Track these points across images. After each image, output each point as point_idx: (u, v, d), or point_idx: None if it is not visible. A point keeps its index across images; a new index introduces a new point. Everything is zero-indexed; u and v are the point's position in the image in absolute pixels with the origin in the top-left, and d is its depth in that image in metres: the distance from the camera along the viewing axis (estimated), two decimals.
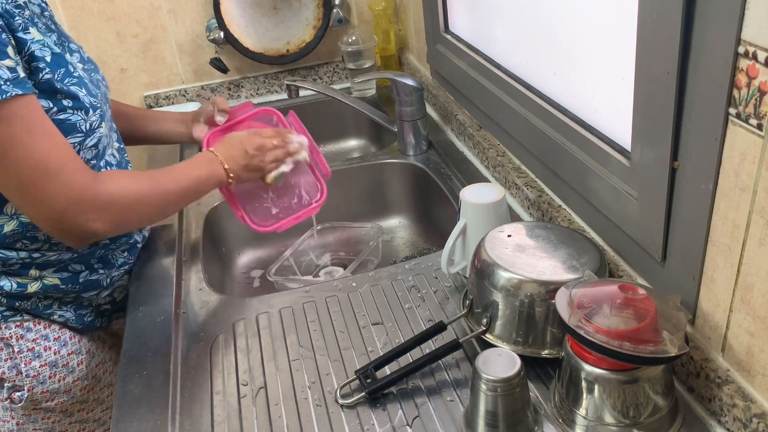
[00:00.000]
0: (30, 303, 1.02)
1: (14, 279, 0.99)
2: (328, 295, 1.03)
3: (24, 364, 1.01)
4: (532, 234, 0.88)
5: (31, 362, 1.02)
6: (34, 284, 1.00)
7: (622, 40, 0.78)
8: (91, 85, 0.98)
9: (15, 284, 0.99)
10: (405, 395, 0.83)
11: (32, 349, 1.02)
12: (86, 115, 0.94)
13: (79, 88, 0.93)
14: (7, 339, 1.01)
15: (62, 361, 1.05)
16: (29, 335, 1.02)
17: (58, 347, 1.04)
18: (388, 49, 1.81)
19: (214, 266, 1.25)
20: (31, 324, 1.02)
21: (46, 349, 1.03)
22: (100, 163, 1.01)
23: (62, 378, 1.05)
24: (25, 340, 1.01)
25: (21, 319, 1.02)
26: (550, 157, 1.03)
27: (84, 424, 1.12)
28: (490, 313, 0.84)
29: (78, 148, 0.94)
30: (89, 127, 0.95)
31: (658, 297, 0.71)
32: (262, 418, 0.83)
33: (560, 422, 0.76)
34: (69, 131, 0.92)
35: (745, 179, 0.62)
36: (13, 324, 1.01)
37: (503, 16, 1.18)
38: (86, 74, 0.99)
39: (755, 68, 0.58)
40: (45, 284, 1.01)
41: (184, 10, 1.73)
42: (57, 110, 0.91)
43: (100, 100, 0.98)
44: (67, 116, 0.91)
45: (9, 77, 0.81)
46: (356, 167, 1.45)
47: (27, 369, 1.01)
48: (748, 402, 0.68)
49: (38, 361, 1.02)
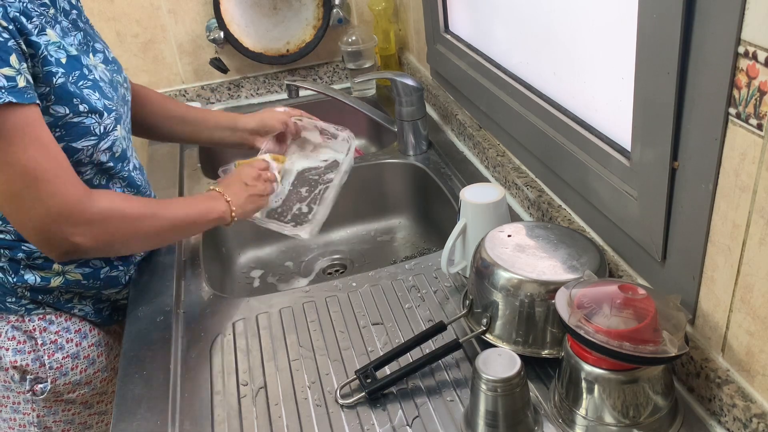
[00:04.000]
0: (52, 297, 1.03)
1: (38, 273, 1.00)
2: (328, 295, 1.03)
3: (47, 357, 1.03)
4: (532, 234, 0.88)
5: (54, 354, 1.03)
6: (57, 279, 1.01)
7: (622, 40, 0.78)
8: (108, 88, 0.97)
9: (39, 278, 1.00)
10: (405, 395, 0.83)
11: (55, 341, 1.03)
12: (100, 118, 0.94)
13: (93, 92, 0.93)
14: (31, 332, 1.02)
15: (83, 353, 1.06)
16: (52, 328, 1.03)
17: (79, 339, 1.06)
18: (388, 49, 1.81)
19: (214, 266, 1.25)
20: (53, 317, 1.04)
21: (68, 341, 1.05)
22: (127, 167, 1.03)
23: (84, 369, 1.06)
24: (48, 333, 1.03)
25: (43, 312, 1.03)
26: (550, 157, 1.03)
27: (102, 416, 1.14)
28: (490, 313, 0.84)
29: (92, 152, 0.94)
30: (103, 130, 0.95)
31: (658, 297, 0.71)
32: (262, 418, 0.83)
33: (560, 422, 0.76)
34: (83, 135, 0.92)
35: (745, 179, 0.62)
36: (36, 317, 1.02)
37: (503, 16, 1.18)
38: (107, 75, 0.99)
39: (755, 68, 0.58)
40: (68, 279, 1.02)
41: (184, 10, 1.73)
42: (72, 114, 0.90)
43: (116, 102, 0.98)
44: (80, 119, 0.91)
45: (5, 85, 0.80)
46: (356, 167, 1.45)
47: (50, 361, 1.03)
48: (748, 402, 0.68)
49: (61, 353, 1.04)
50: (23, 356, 1.02)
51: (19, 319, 1.02)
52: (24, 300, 1.01)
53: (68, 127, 0.91)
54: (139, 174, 1.09)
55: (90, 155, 0.95)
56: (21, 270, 0.99)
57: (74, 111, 0.91)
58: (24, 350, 1.02)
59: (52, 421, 1.08)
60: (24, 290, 1.00)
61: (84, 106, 0.91)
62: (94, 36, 1.03)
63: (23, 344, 1.02)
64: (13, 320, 1.02)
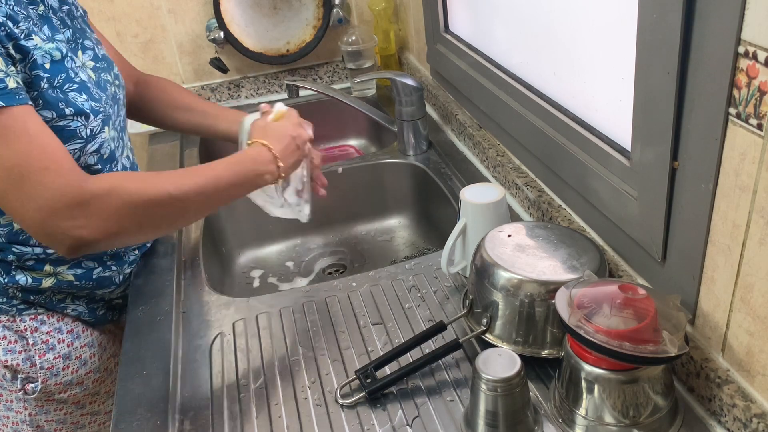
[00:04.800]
0: (44, 297, 1.03)
1: (29, 274, 1.00)
2: (328, 295, 1.03)
3: (38, 357, 1.02)
4: (532, 234, 0.88)
5: (45, 354, 1.03)
6: (49, 279, 1.01)
7: (622, 40, 0.78)
8: (96, 89, 0.96)
9: (30, 279, 1.00)
10: (405, 395, 0.83)
11: (46, 341, 1.03)
12: (86, 120, 0.92)
13: (79, 94, 0.92)
14: (22, 332, 1.02)
15: (75, 354, 1.06)
16: (43, 328, 1.03)
17: (71, 340, 1.05)
18: (388, 49, 1.81)
19: (214, 266, 1.25)
20: (45, 317, 1.03)
21: (60, 342, 1.04)
22: (115, 167, 1.00)
23: (75, 370, 1.06)
24: (39, 333, 1.03)
25: (35, 312, 1.03)
26: (550, 157, 1.03)
27: (95, 416, 1.13)
28: (490, 313, 0.84)
29: (78, 155, 0.92)
30: (89, 133, 0.93)
31: (658, 297, 0.71)
32: (262, 418, 0.83)
33: (560, 422, 0.76)
34: (69, 138, 0.91)
35: (745, 179, 0.62)
36: (27, 317, 1.02)
37: (503, 16, 1.18)
38: (95, 74, 0.98)
39: (755, 68, 0.58)
40: (59, 280, 1.02)
41: (184, 10, 1.73)
42: (58, 118, 0.89)
43: (104, 103, 0.97)
44: (66, 123, 0.90)
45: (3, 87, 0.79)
46: (356, 167, 1.45)
47: (41, 361, 1.03)
48: (748, 402, 0.68)
49: (52, 353, 1.03)
50: (14, 356, 1.02)
51: (10, 319, 1.01)
52: (15, 300, 1.01)
53: (54, 131, 0.86)
54: None
55: (77, 158, 0.92)
56: (12, 271, 0.99)
57: (60, 114, 0.89)
58: (15, 350, 1.02)
59: (44, 420, 1.08)
60: (15, 290, 1.00)
61: (70, 108, 0.90)
62: (84, 33, 1.02)
63: (14, 344, 1.02)
64: (4, 320, 1.01)
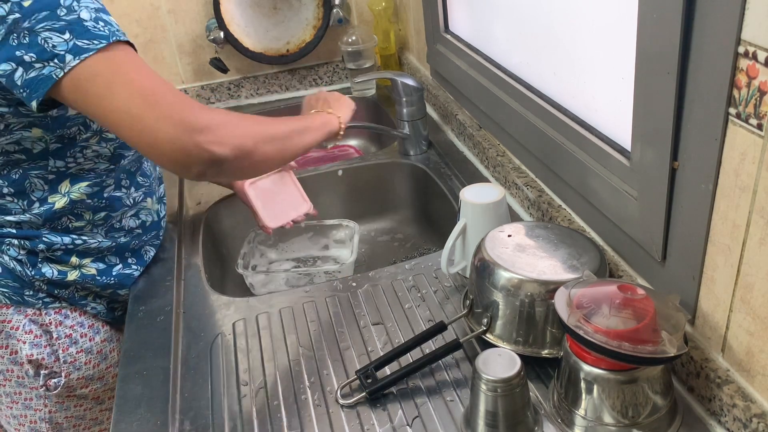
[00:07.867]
0: (68, 292, 1.05)
1: (55, 266, 1.02)
2: (328, 295, 1.03)
3: (62, 351, 1.04)
4: (532, 234, 0.88)
5: (68, 348, 1.04)
6: (74, 272, 1.03)
7: (622, 40, 0.78)
8: None
9: (56, 272, 1.02)
10: (405, 395, 0.83)
11: (69, 335, 1.05)
12: None
13: None
14: (47, 325, 1.03)
15: (96, 348, 1.08)
16: (67, 322, 1.05)
17: (92, 334, 1.07)
18: (388, 48, 1.81)
19: (214, 266, 1.25)
20: (68, 311, 1.06)
21: (82, 336, 1.06)
22: (139, 171, 1.07)
23: (97, 364, 1.08)
24: (63, 327, 1.04)
25: (59, 306, 1.05)
26: (550, 157, 1.03)
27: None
28: (491, 313, 0.84)
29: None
30: None
31: (657, 297, 0.71)
32: (262, 418, 0.83)
33: (559, 422, 0.76)
34: None
35: (745, 179, 0.62)
36: (52, 311, 1.04)
37: (503, 16, 1.18)
38: None
39: (755, 68, 0.58)
40: (83, 273, 1.04)
41: (184, 10, 1.73)
42: None
43: None
44: None
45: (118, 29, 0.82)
46: (356, 167, 1.45)
47: (65, 355, 1.04)
48: (748, 402, 0.68)
49: (75, 347, 1.05)
50: (39, 350, 1.03)
51: (36, 312, 1.03)
52: (41, 293, 1.03)
53: None
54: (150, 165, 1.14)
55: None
56: (39, 263, 1.01)
57: None
58: (40, 344, 1.03)
59: (63, 417, 1.09)
60: (42, 283, 1.02)
61: None
62: None
63: (39, 338, 1.03)
64: (30, 314, 1.03)
